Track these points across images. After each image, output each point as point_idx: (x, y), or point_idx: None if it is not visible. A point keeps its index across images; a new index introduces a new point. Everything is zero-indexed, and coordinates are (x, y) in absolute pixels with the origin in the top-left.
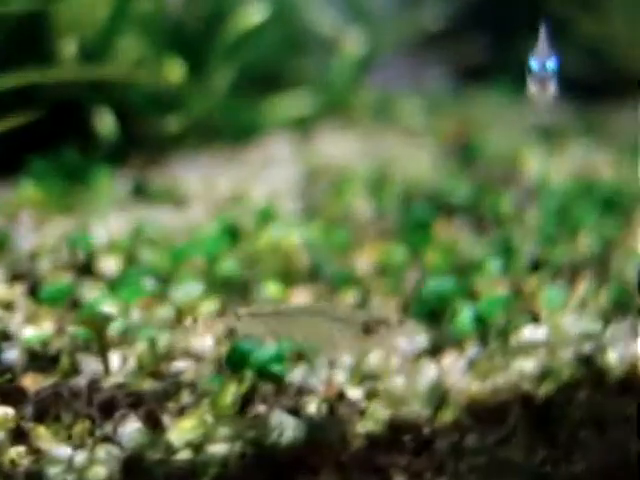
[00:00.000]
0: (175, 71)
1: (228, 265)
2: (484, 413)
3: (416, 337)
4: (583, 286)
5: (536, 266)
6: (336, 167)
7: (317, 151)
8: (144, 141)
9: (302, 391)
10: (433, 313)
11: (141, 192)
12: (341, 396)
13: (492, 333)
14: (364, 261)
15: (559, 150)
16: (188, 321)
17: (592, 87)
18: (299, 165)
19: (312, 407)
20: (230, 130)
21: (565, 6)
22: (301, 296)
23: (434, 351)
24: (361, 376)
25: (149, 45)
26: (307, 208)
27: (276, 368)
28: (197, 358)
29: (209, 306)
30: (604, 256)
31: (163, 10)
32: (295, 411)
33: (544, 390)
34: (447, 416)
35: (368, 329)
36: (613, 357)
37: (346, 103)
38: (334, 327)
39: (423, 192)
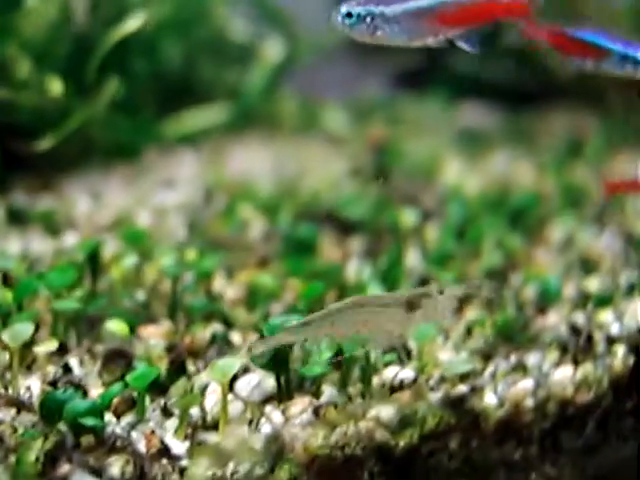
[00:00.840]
0: (55, 87)
1: (72, 300)
2: (329, 470)
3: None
4: (469, 313)
5: None
6: (239, 183)
7: (223, 166)
8: (36, 163)
9: (117, 447)
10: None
11: (18, 218)
12: (163, 451)
13: (352, 374)
14: (235, 289)
15: (482, 158)
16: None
17: (522, 93)
18: (199, 182)
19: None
20: (113, 147)
21: None
22: (151, 332)
23: (282, 396)
24: (190, 426)
25: (38, 62)
26: (194, 230)
27: (91, 421)
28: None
29: (47, 346)
30: (502, 276)
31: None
32: (99, 472)
33: (406, 439)
34: (283, 475)
35: None
36: (492, 398)
37: (264, 113)
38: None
39: (323, 208)
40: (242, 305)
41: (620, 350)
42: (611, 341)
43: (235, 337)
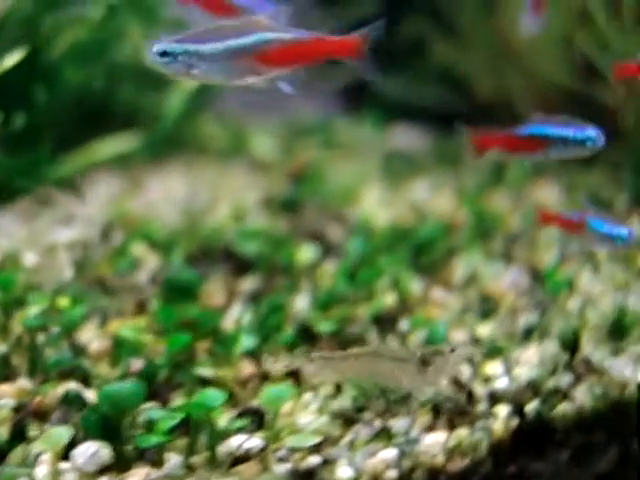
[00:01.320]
0: None
1: None
2: None
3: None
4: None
5: (303, 338)
6: (141, 217)
7: (132, 198)
8: None
9: None
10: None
11: None
12: None
13: (199, 442)
14: (103, 340)
15: (405, 184)
16: None
17: (453, 116)
18: (100, 217)
19: None
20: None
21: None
22: (3, 390)
23: (119, 466)
24: None
25: None
26: (81, 270)
27: None
28: None
29: None
30: (391, 321)
31: None
32: None
33: None
34: None
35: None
36: (347, 470)
37: (189, 137)
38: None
39: (222, 244)
40: (106, 359)
41: (504, 410)
42: (495, 399)
43: (90, 395)
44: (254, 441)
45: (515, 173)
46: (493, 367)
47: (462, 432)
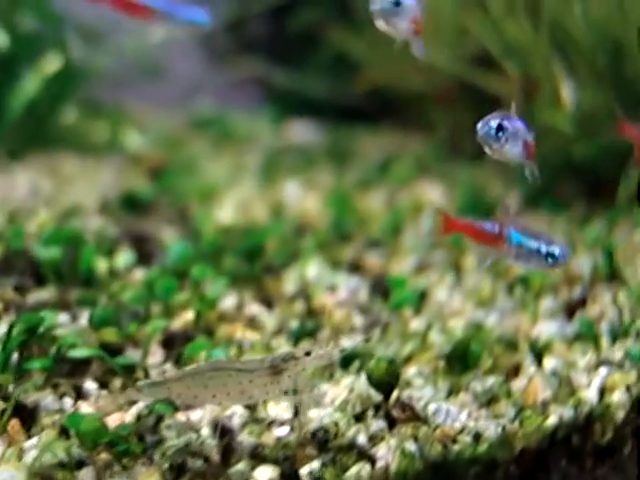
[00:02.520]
0: None
1: None
2: None
3: None
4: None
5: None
6: None
7: None
8: None
9: None
10: None
11: None
12: None
13: None
14: None
15: (278, 181)
16: None
17: (352, 110)
18: None
19: None
20: None
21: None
22: None
23: None
24: None
25: None
26: None
27: None
28: None
29: None
30: (174, 346)
31: None
32: None
33: None
34: None
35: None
36: None
37: (46, 131)
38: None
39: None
40: None
41: (265, 474)
42: (260, 457)
43: None
44: None
45: (400, 169)
46: (279, 408)
47: None
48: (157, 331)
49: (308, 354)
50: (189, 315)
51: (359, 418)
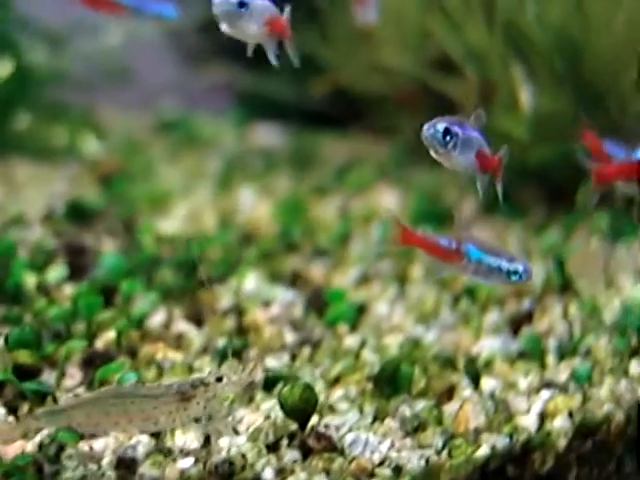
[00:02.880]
0: None
1: None
2: None
3: None
4: None
5: None
6: None
7: None
8: None
9: None
10: None
11: None
12: None
13: None
14: None
15: (234, 189)
16: None
17: (320, 114)
18: None
19: None
20: None
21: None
22: None
23: None
24: None
25: None
26: None
27: None
28: None
29: None
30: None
31: None
32: None
33: None
34: None
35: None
36: None
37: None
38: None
39: None
40: None
41: None
42: None
43: None
44: None
45: (359, 175)
46: (187, 437)
47: None
48: (74, 352)
49: (219, 380)
50: (112, 334)
51: (273, 448)
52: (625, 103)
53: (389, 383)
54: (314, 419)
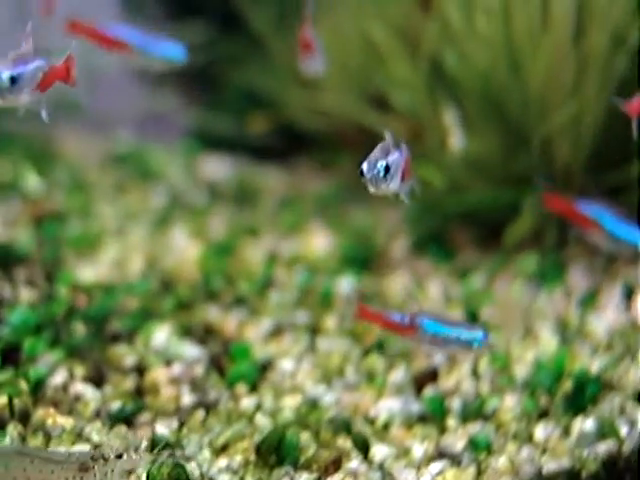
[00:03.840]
0: None
1: None
2: None
3: None
4: None
5: None
6: None
7: None
8: None
9: None
10: None
11: None
12: None
13: None
14: None
15: (169, 229)
16: None
17: (268, 147)
18: None
19: None
20: None
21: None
22: None
23: None
24: None
25: None
26: None
27: None
28: None
29: None
30: None
31: None
32: None
33: None
34: None
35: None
36: None
37: None
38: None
39: None
40: None
41: None
42: None
43: None
44: None
45: (295, 213)
46: None
47: None
48: None
49: (120, 457)
50: (3, 398)
51: None
52: (550, 147)
53: (274, 453)
54: None
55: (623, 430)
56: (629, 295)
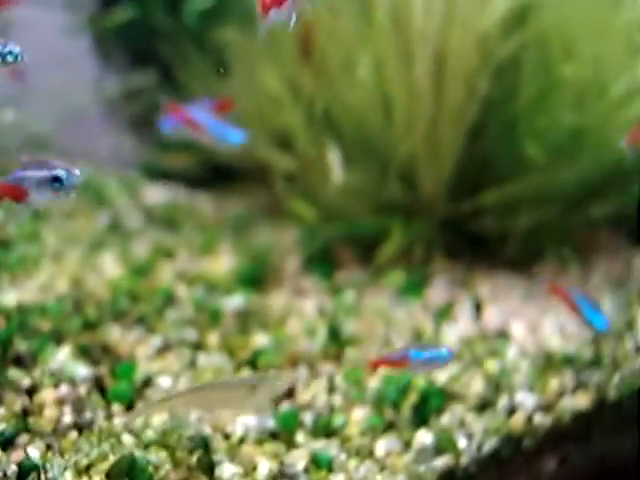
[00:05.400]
0: None
1: None
2: None
3: None
4: None
5: None
6: None
7: None
8: None
9: None
10: None
11: None
12: None
13: None
14: None
15: (104, 251)
16: None
17: (193, 177)
18: None
19: None
20: None
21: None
22: None
23: None
24: None
25: None
26: None
27: None
28: None
29: None
30: None
31: None
32: None
33: None
34: None
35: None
36: None
37: None
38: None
39: None
40: None
41: None
42: None
43: None
44: None
45: (207, 237)
46: None
47: None
48: None
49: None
50: None
51: None
52: (414, 178)
53: (125, 477)
54: None
55: (461, 443)
56: (477, 307)
